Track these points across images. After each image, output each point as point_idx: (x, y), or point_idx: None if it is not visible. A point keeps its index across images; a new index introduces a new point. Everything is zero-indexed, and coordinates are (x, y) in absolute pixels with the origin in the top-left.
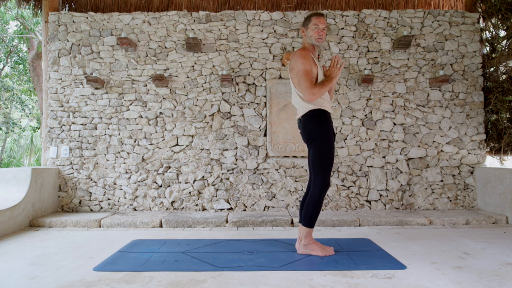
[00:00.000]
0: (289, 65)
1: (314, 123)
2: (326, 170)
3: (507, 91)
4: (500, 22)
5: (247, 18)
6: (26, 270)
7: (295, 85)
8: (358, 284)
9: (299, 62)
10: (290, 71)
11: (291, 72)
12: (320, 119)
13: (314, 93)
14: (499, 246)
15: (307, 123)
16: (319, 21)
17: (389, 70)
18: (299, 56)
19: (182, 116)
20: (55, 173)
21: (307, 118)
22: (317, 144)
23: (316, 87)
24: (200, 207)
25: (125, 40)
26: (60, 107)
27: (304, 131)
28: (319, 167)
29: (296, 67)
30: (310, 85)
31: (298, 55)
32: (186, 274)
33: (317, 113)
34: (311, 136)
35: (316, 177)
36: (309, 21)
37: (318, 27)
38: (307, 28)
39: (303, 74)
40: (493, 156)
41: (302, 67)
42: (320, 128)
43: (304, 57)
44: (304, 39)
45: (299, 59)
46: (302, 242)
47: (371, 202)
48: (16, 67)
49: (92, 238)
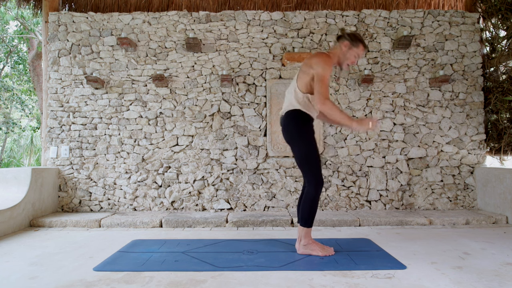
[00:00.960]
0: (308, 61)
1: (296, 123)
2: (316, 168)
3: (507, 91)
4: (500, 22)
5: (247, 18)
6: (26, 270)
7: (302, 82)
8: (358, 284)
9: (324, 67)
10: (306, 66)
11: (307, 69)
12: (302, 121)
13: (325, 104)
14: (499, 246)
15: (289, 122)
16: (362, 53)
17: (389, 70)
18: (326, 62)
19: (182, 116)
20: (55, 173)
21: (290, 118)
22: (300, 145)
23: (331, 102)
24: (200, 207)
25: (125, 40)
26: (60, 107)
27: (285, 129)
28: (307, 167)
29: (318, 70)
30: (327, 93)
31: (325, 60)
32: (186, 274)
33: (300, 114)
34: (292, 136)
35: (308, 177)
36: (357, 47)
37: (358, 57)
38: (350, 49)
39: (324, 80)
40: (493, 156)
41: (325, 73)
42: (301, 129)
43: (329, 65)
44: (338, 50)
45: (325, 65)
46: (301, 242)
47: (371, 202)
48: (16, 67)
49: (92, 238)
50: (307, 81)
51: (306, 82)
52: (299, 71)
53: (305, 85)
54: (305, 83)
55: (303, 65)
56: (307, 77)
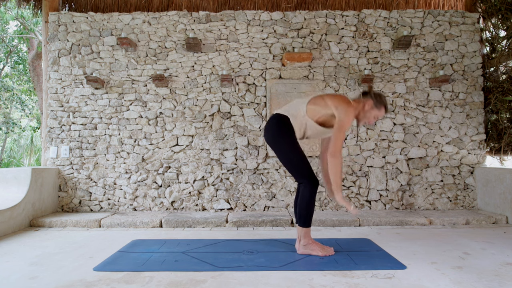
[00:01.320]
0: (334, 100)
1: (281, 127)
2: (305, 170)
3: (507, 91)
4: (500, 22)
5: (247, 18)
6: (26, 270)
7: (314, 109)
8: (358, 284)
9: (349, 117)
10: (330, 100)
11: (330, 103)
12: (286, 128)
13: (336, 157)
14: (499, 246)
15: (275, 123)
16: (382, 116)
17: (389, 70)
18: (351, 113)
19: (182, 116)
20: (55, 173)
21: (278, 120)
22: (282, 149)
23: (341, 160)
24: (200, 207)
25: (125, 40)
26: (60, 107)
27: (269, 129)
28: (297, 170)
29: (341, 116)
30: (341, 146)
31: (351, 111)
32: (186, 274)
33: (288, 123)
34: (274, 139)
35: (301, 179)
36: (379, 110)
37: (376, 119)
38: (372, 109)
39: (343, 129)
40: (493, 156)
41: (346, 123)
42: (284, 133)
43: (352, 117)
44: (360, 105)
45: (350, 115)
46: (301, 242)
47: (371, 202)
48: (16, 67)
49: (92, 238)
50: (320, 112)
51: (318, 112)
52: (318, 97)
53: (315, 113)
54: (316, 111)
55: (327, 97)
56: (323, 110)
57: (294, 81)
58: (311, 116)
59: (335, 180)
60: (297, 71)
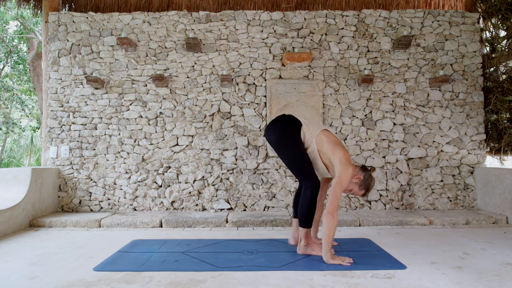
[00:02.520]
0: (343, 155)
1: (291, 131)
2: (309, 171)
3: (507, 91)
4: (500, 22)
5: (247, 18)
6: (26, 270)
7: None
8: (358, 284)
9: (348, 174)
10: (339, 151)
11: (338, 154)
12: (296, 131)
13: (333, 215)
14: (499, 246)
15: (284, 126)
16: (356, 194)
17: (389, 70)
18: (350, 171)
19: (182, 116)
20: (55, 173)
21: (288, 123)
22: (287, 149)
23: (336, 218)
24: (200, 207)
25: (125, 40)
26: (60, 107)
27: (275, 131)
28: (300, 172)
29: (343, 173)
30: (337, 205)
31: (351, 169)
32: (186, 274)
33: (298, 126)
34: (280, 141)
35: (303, 181)
36: (360, 188)
37: (351, 191)
38: (357, 183)
39: (343, 186)
40: (493, 156)
41: (346, 180)
42: (291, 137)
43: (350, 176)
44: (354, 172)
45: (349, 174)
46: (301, 242)
47: (371, 202)
48: (16, 67)
49: (92, 238)
50: (324, 149)
51: (323, 147)
52: (332, 136)
53: (320, 146)
54: (322, 145)
55: (338, 146)
56: (328, 152)
57: (294, 81)
58: (317, 143)
59: (326, 240)
60: (297, 71)
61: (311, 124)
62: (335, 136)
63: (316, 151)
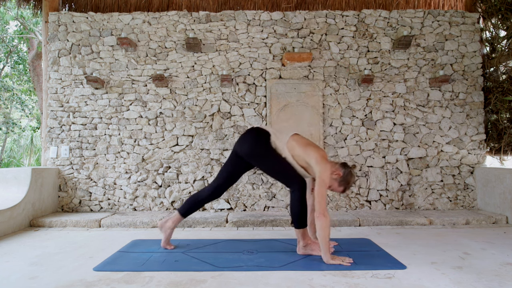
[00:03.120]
0: (317, 154)
1: (262, 142)
2: (292, 173)
3: (507, 91)
4: (500, 22)
5: (247, 18)
6: (26, 270)
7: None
8: (358, 284)
9: (327, 170)
10: (313, 152)
11: (313, 155)
12: (266, 141)
13: (321, 219)
14: (499, 246)
15: (254, 138)
16: (335, 190)
17: (389, 70)
18: (328, 167)
19: (182, 116)
20: (55, 173)
21: (257, 134)
22: (265, 161)
23: (328, 220)
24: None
25: (125, 40)
26: (60, 107)
27: (246, 143)
28: (284, 177)
29: (322, 172)
30: (325, 206)
31: (329, 165)
32: (186, 274)
33: (266, 137)
34: (254, 153)
35: (289, 184)
36: (339, 185)
37: (330, 188)
38: (336, 179)
39: (325, 184)
40: (493, 156)
41: (327, 176)
42: (265, 148)
43: (330, 172)
44: (334, 169)
45: (328, 169)
46: (300, 243)
47: (371, 202)
48: (16, 67)
49: (92, 238)
50: (298, 154)
51: (297, 152)
52: (303, 139)
53: (294, 151)
54: (295, 150)
55: (311, 147)
56: (302, 154)
57: (294, 81)
58: (289, 149)
59: (323, 240)
60: (297, 71)
61: (279, 132)
62: (305, 138)
63: (290, 157)
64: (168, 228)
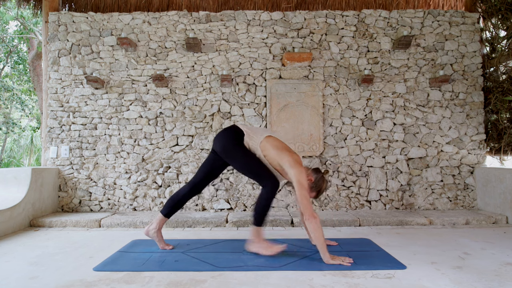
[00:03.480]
0: (291, 158)
1: (237, 140)
2: (266, 172)
3: (507, 91)
4: (500, 22)
5: (247, 18)
6: (26, 270)
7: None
8: (358, 284)
9: (302, 173)
10: (287, 156)
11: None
12: (241, 139)
13: (311, 221)
14: (499, 246)
15: (231, 136)
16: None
17: (389, 70)
18: (303, 170)
19: (182, 116)
20: (55, 173)
21: (234, 132)
22: (240, 158)
23: (317, 221)
24: (200, 207)
25: (125, 40)
26: (60, 107)
27: (223, 140)
28: (258, 175)
29: (298, 175)
30: (310, 208)
31: (303, 169)
32: (186, 274)
33: (241, 136)
34: (230, 150)
35: (263, 182)
36: (311, 190)
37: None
38: (312, 184)
39: (304, 185)
40: (493, 156)
41: (304, 178)
42: (240, 146)
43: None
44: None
45: (303, 172)
46: (252, 240)
47: (371, 202)
48: (16, 67)
49: (92, 238)
50: (271, 156)
51: (270, 153)
52: (278, 142)
53: (267, 152)
54: (269, 151)
55: (285, 151)
56: (276, 157)
57: (294, 81)
58: (262, 149)
59: (319, 241)
60: (297, 71)
61: (253, 132)
62: (280, 141)
63: (263, 157)
64: (153, 230)
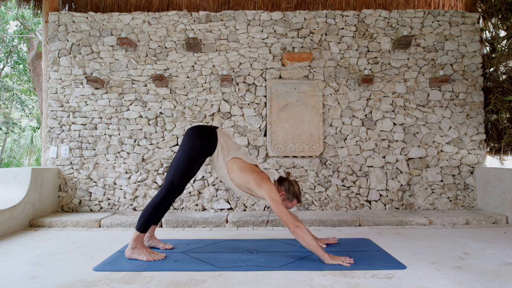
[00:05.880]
0: (258, 178)
1: (204, 143)
2: (179, 177)
3: (507, 91)
4: (500, 22)
5: (247, 18)
6: (26, 270)
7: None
8: (358, 284)
9: (273, 190)
10: (255, 179)
11: (254, 183)
12: (207, 146)
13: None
14: (499, 246)
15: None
16: (292, 207)
17: (389, 70)
18: (273, 187)
19: (182, 116)
20: (55, 173)
21: (208, 136)
22: (186, 154)
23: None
24: (200, 207)
25: (125, 40)
26: (60, 107)
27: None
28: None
29: (269, 193)
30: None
31: (272, 185)
32: (186, 274)
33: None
34: (189, 144)
35: (167, 181)
36: (290, 201)
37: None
38: (284, 199)
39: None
40: (493, 156)
41: (276, 194)
42: (198, 149)
43: (276, 190)
44: (281, 194)
45: (274, 189)
46: (130, 245)
47: (371, 202)
48: (16, 67)
49: (92, 238)
50: (238, 176)
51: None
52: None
53: (233, 174)
54: (235, 173)
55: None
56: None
57: (294, 81)
58: (228, 169)
59: (312, 249)
60: (297, 71)
61: (227, 148)
62: (246, 163)
63: (227, 175)
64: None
